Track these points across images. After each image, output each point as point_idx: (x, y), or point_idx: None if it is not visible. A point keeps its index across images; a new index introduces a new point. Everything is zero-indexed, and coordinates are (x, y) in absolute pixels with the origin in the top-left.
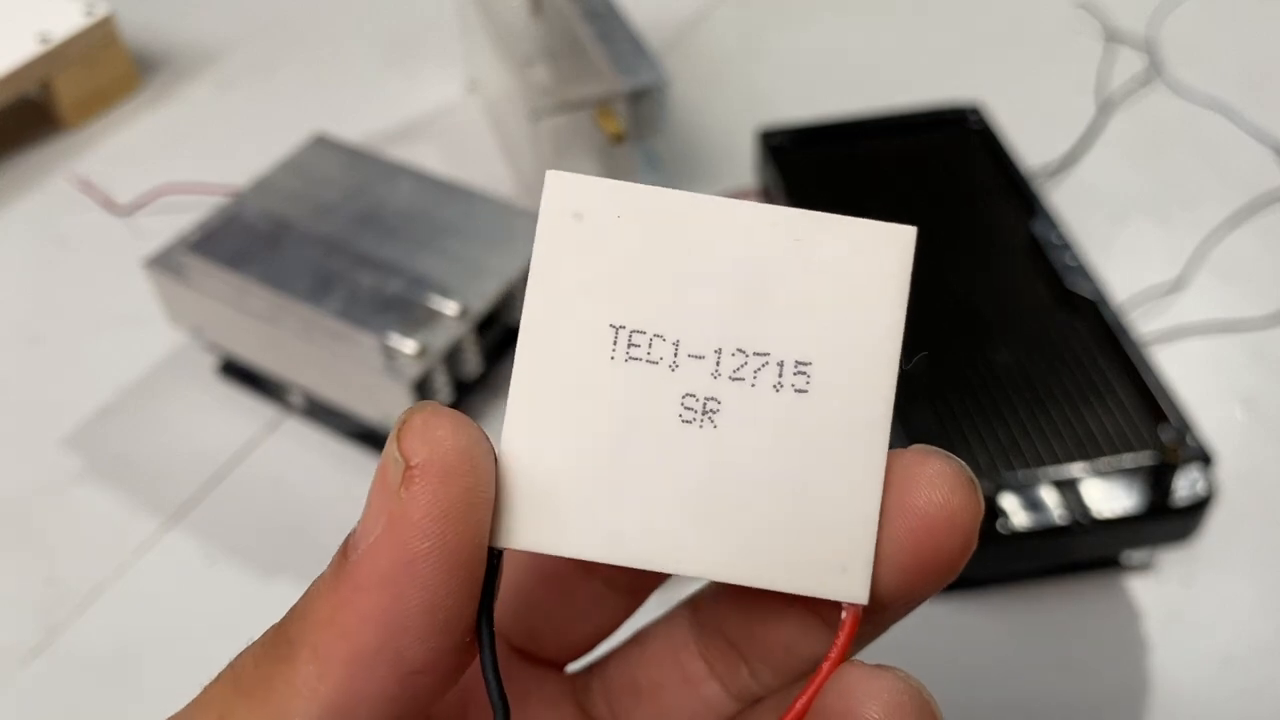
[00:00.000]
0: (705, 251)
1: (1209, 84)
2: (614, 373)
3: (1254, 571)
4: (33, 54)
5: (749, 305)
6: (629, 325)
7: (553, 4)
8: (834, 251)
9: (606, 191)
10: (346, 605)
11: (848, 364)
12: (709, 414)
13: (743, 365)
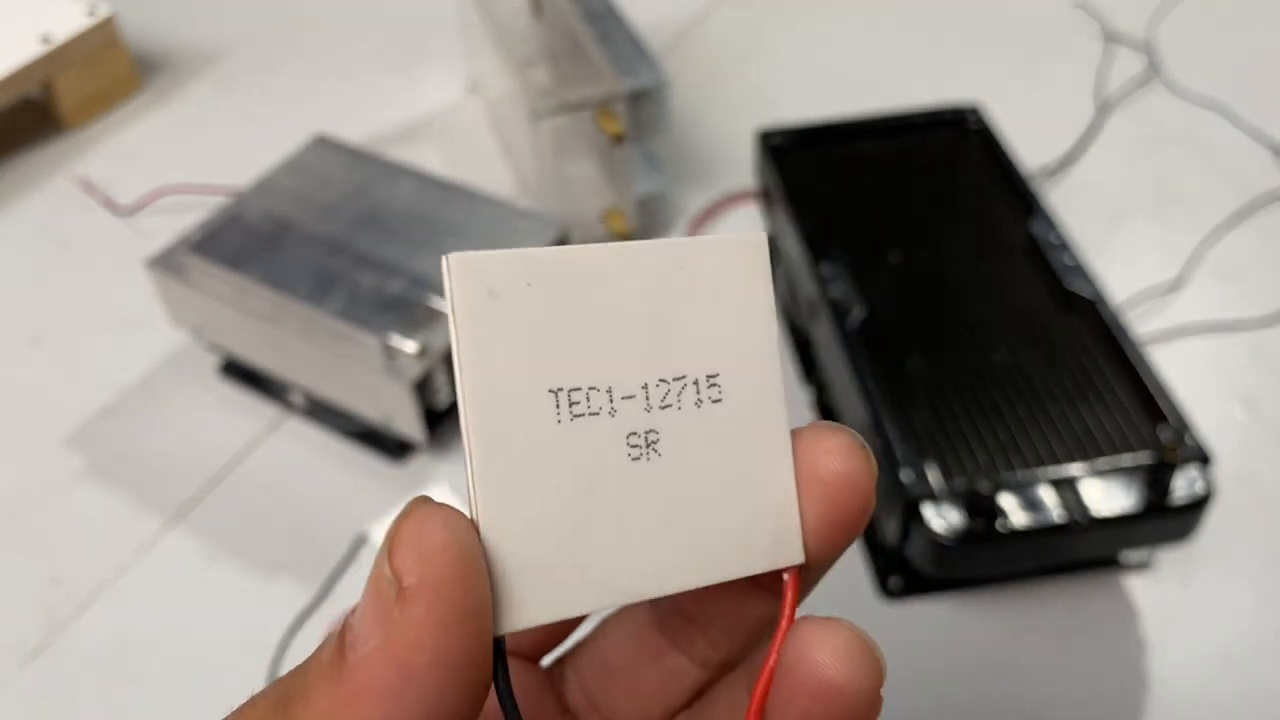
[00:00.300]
0: (609, 296)
1: (1207, 85)
2: (564, 434)
3: (1253, 571)
4: (34, 55)
5: (658, 336)
6: (565, 386)
7: (553, 6)
8: (709, 267)
9: (510, 263)
10: (347, 707)
11: (743, 365)
12: (652, 445)
13: (668, 392)
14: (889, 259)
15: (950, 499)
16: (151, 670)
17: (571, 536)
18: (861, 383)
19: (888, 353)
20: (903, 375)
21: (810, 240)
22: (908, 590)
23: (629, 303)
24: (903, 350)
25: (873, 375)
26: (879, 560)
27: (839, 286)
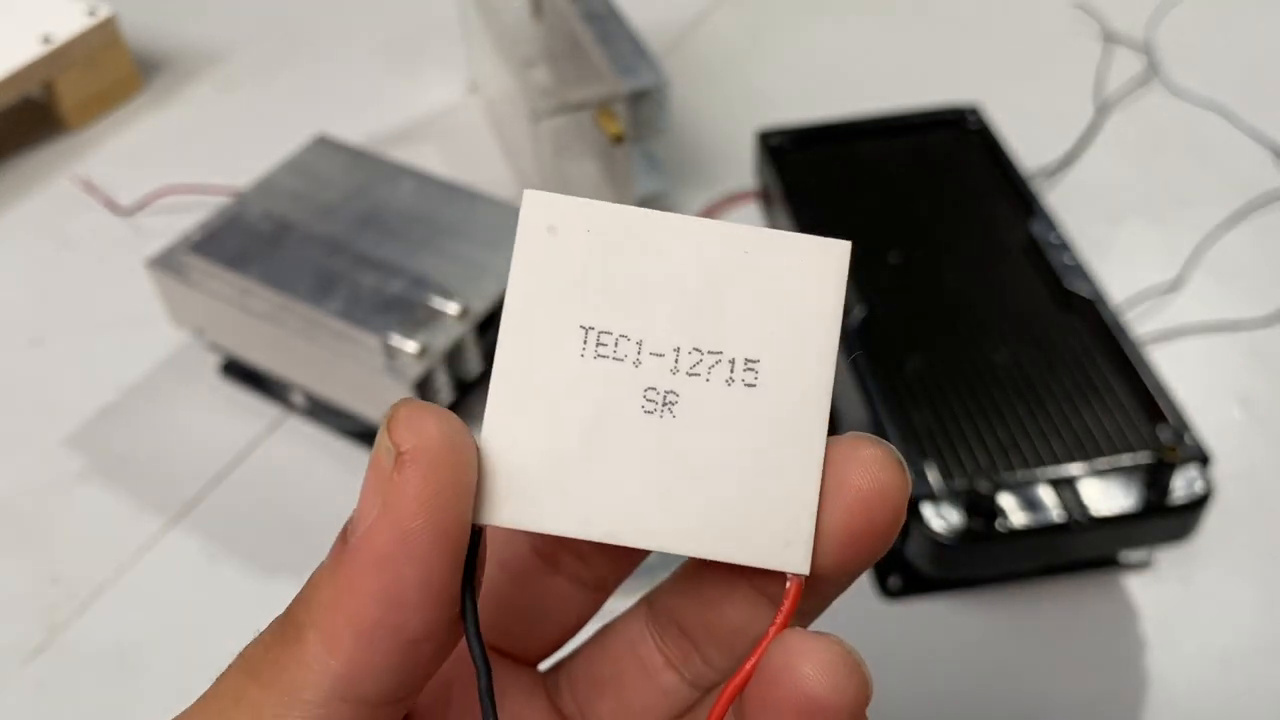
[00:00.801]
0: (664, 261)
1: (1206, 85)
2: (584, 368)
3: (1252, 570)
4: (35, 55)
5: (704, 309)
6: (598, 326)
7: (553, 6)
8: (779, 262)
9: (577, 208)
10: (349, 586)
11: (791, 362)
12: (668, 405)
13: (699, 362)
14: (889, 259)
15: (950, 498)
16: (152, 670)
17: (564, 461)
18: (861, 382)
19: (887, 352)
20: (902, 375)
21: None
22: (907, 590)
23: (681, 271)
24: (902, 350)
25: (872, 375)
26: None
27: None
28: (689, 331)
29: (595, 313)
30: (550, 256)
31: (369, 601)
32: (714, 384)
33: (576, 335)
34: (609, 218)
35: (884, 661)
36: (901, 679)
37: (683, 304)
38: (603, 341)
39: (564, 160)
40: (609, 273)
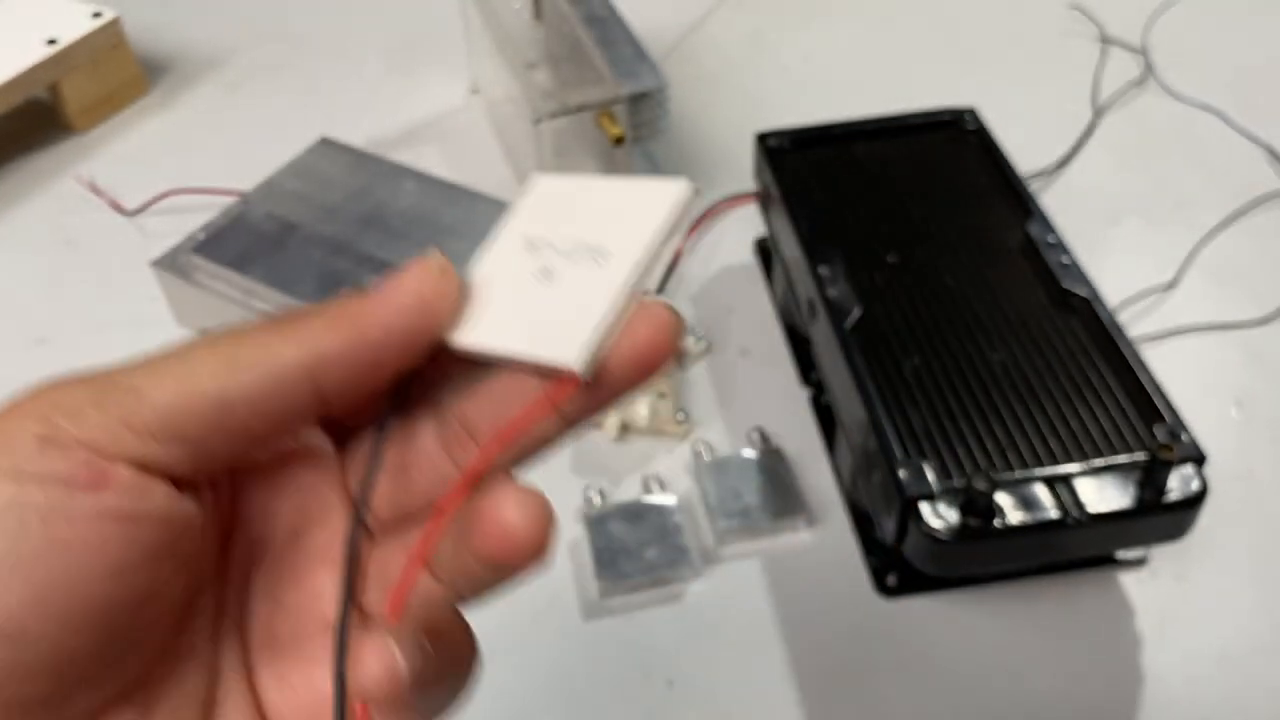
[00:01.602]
0: (579, 201)
1: (1202, 87)
2: (521, 256)
3: (1247, 568)
4: (40, 57)
5: (593, 223)
6: (535, 235)
7: (554, 9)
8: (645, 194)
9: (551, 179)
10: (347, 315)
11: (626, 250)
12: (549, 275)
13: (573, 251)
14: (886, 260)
15: (947, 497)
16: None
17: (486, 305)
18: (859, 382)
19: (885, 352)
20: (900, 375)
21: (808, 241)
22: (905, 587)
23: (586, 203)
24: (900, 350)
25: (870, 375)
26: (877, 557)
27: (837, 287)
28: (578, 237)
29: (535, 229)
30: (531, 204)
31: (358, 322)
32: (578, 262)
33: (522, 242)
34: (558, 184)
35: (882, 658)
36: (899, 676)
37: (582, 222)
38: (533, 243)
39: (565, 161)
40: (550, 209)
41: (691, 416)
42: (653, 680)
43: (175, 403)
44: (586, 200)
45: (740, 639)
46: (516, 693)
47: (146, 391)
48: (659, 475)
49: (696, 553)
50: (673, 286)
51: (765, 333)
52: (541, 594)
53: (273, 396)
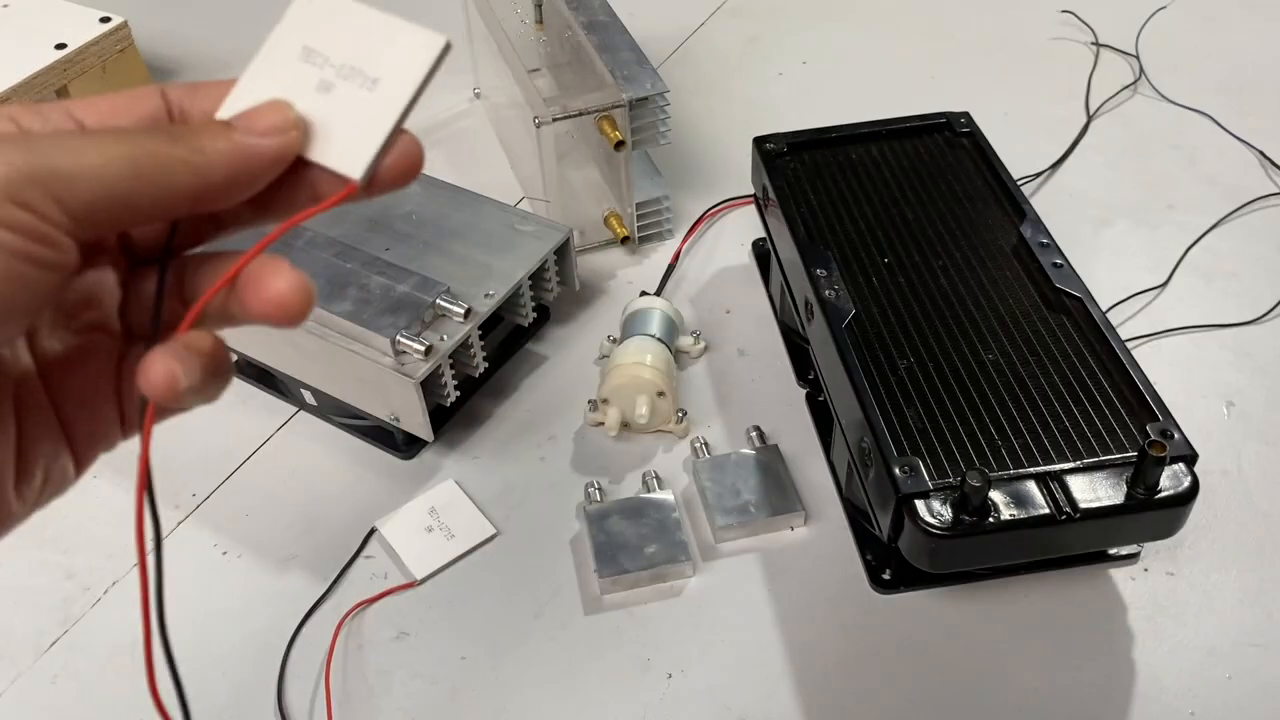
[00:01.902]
0: (358, 27)
1: (1193, 90)
2: (296, 64)
3: (1237, 564)
4: (49, 61)
5: (363, 51)
6: (312, 46)
7: (557, 16)
8: (413, 38)
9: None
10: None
11: (397, 80)
12: (328, 89)
13: (351, 72)
14: (882, 261)
15: (941, 494)
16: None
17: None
18: (855, 381)
19: (880, 352)
20: (895, 374)
21: (805, 243)
22: (900, 583)
23: (357, 30)
24: (895, 349)
25: (866, 374)
26: (872, 553)
27: (833, 288)
28: (351, 59)
29: (314, 41)
30: (303, 18)
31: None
32: (352, 84)
33: (301, 50)
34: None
35: (877, 652)
36: (894, 669)
37: (354, 45)
38: (310, 52)
39: (566, 165)
40: (326, 25)
41: (690, 415)
42: (652, 673)
43: (73, 184)
44: (357, 26)
45: (738, 633)
46: (517, 685)
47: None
48: (658, 472)
49: (695, 548)
50: (672, 287)
51: (762, 333)
52: (543, 588)
53: (156, 200)
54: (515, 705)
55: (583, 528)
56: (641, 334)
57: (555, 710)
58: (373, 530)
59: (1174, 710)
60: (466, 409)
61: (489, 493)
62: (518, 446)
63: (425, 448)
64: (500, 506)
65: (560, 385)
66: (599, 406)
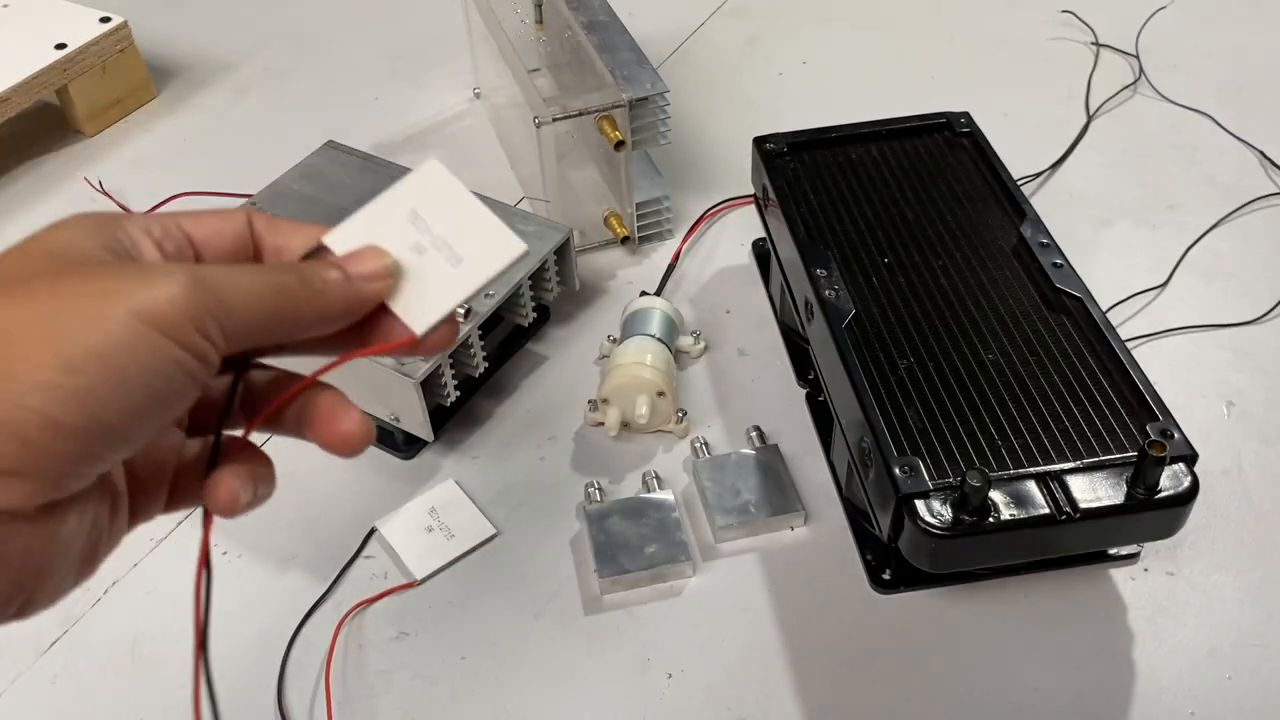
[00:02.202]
0: (450, 206)
1: (1193, 90)
2: (402, 223)
3: (1237, 564)
4: (49, 61)
5: (457, 231)
6: (420, 212)
7: (557, 16)
8: (498, 236)
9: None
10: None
11: (473, 272)
12: (420, 251)
13: (441, 244)
14: (882, 261)
15: (941, 494)
16: (164, 662)
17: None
18: (855, 381)
19: (880, 352)
20: (895, 374)
21: (805, 243)
22: (900, 583)
23: (460, 212)
24: (895, 349)
25: (866, 374)
26: (872, 553)
27: (833, 288)
28: (447, 236)
29: (420, 212)
30: (422, 182)
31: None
32: (441, 255)
33: (408, 210)
34: (444, 180)
35: (877, 652)
36: (894, 669)
37: (454, 224)
38: (416, 221)
39: (566, 166)
40: (432, 197)
41: (690, 415)
42: (652, 673)
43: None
44: (462, 210)
45: (738, 633)
46: (517, 685)
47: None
48: (658, 472)
49: (695, 548)
50: (672, 287)
51: (762, 333)
52: (543, 588)
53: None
54: (515, 705)
55: (583, 528)
56: (641, 334)
57: (555, 710)
58: (373, 530)
59: (1174, 710)
60: (466, 409)
61: (489, 493)
62: (518, 446)
63: (425, 448)
64: (500, 506)
65: (560, 385)
66: (599, 406)
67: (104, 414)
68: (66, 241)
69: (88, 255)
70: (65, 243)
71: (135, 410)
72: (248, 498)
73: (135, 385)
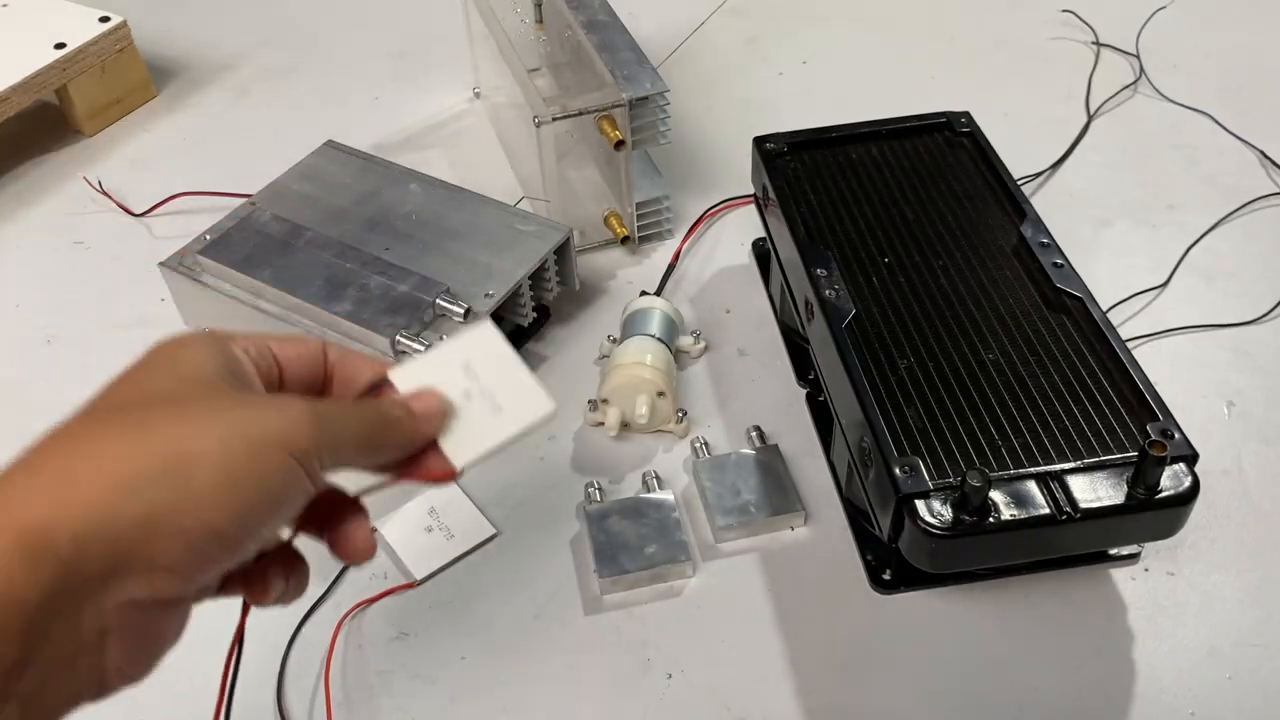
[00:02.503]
0: (491, 361)
1: (1193, 90)
2: (458, 372)
3: (1237, 564)
4: (48, 61)
5: (502, 385)
6: (472, 365)
7: (557, 16)
8: (534, 395)
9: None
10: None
11: (510, 421)
12: (469, 398)
13: (487, 394)
14: (882, 261)
15: (942, 494)
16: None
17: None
18: (855, 381)
19: (881, 352)
20: (895, 374)
21: (805, 243)
22: (900, 583)
23: (506, 369)
24: (895, 349)
25: (866, 374)
26: (872, 553)
27: (833, 288)
28: (494, 388)
29: (472, 365)
30: (477, 341)
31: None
32: (486, 403)
33: (463, 362)
34: (497, 340)
35: (877, 652)
36: (894, 669)
37: (498, 380)
38: (468, 371)
39: (566, 165)
40: (485, 353)
41: (690, 415)
42: (652, 673)
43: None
44: (506, 369)
45: (738, 633)
46: (517, 685)
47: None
48: (658, 472)
49: (695, 548)
50: (672, 287)
51: (762, 333)
52: (543, 588)
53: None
54: (515, 705)
55: (583, 528)
56: (641, 334)
57: (555, 710)
58: (372, 530)
59: (1174, 710)
60: None
61: (489, 493)
62: (518, 446)
63: None
64: (500, 506)
65: (560, 385)
66: (599, 406)
67: (253, 525)
68: (194, 363)
69: (214, 379)
70: (193, 364)
71: (271, 522)
72: (284, 592)
73: (277, 502)
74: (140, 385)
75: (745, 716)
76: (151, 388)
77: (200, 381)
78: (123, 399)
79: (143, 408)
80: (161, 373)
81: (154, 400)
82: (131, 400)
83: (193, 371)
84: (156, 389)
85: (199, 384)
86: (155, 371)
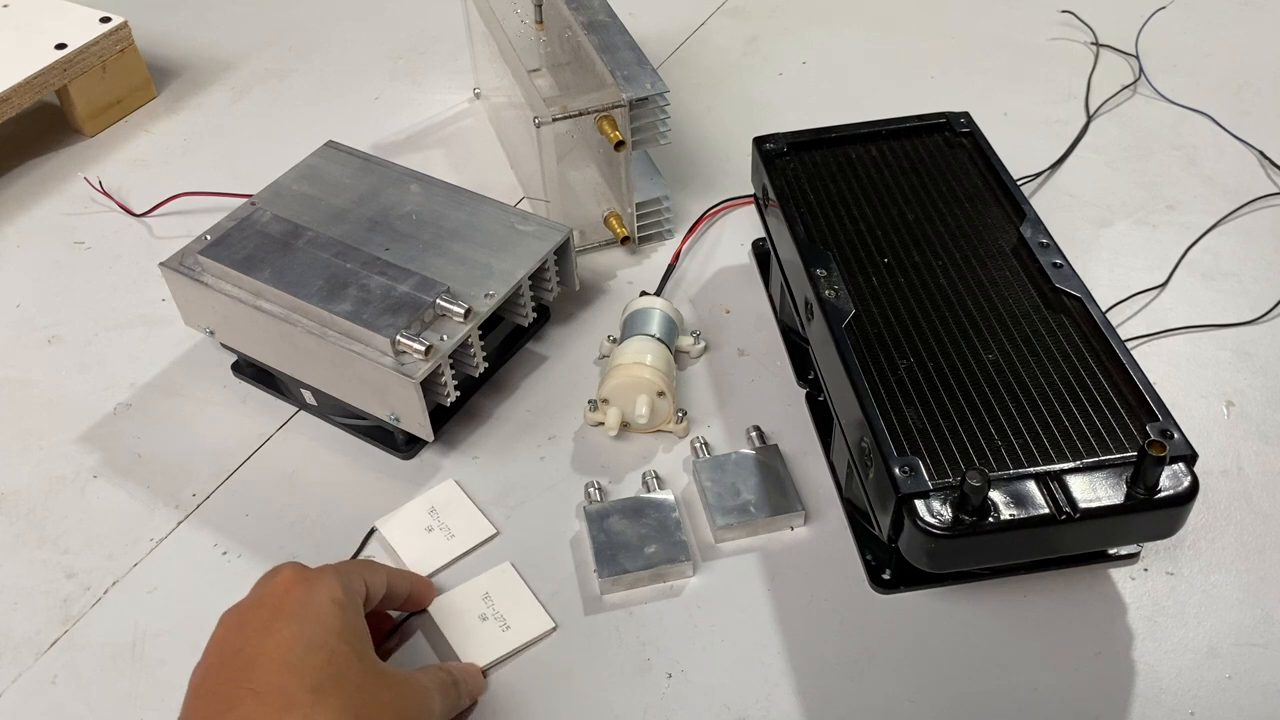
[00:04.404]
0: (516, 594)
1: (1193, 90)
2: (478, 599)
3: (1237, 564)
4: (50, 61)
5: (511, 610)
6: (491, 594)
7: (557, 16)
8: (537, 619)
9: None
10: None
11: (514, 637)
12: (484, 619)
13: (498, 616)
14: (882, 261)
15: (941, 494)
16: (164, 661)
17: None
18: (855, 381)
19: (880, 352)
20: (895, 374)
21: (804, 243)
22: (900, 583)
23: (517, 597)
24: (895, 349)
25: (865, 374)
26: (872, 553)
27: (833, 288)
28: (504, 611)
29: (494, 591)
30: (499, 577)
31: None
32: (496, 623)
33: (485, 592)
34: (512, 576)
35: (877, 652)
36: (894, 669)
37: (509, 604)
38: (487, 598)
39: (566, 165)
40: (500, 586)
41: (690, 415)
42: (652, 673)
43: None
44: (517, 596)
45: (738, 633)
46: (516, 685)
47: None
48: (658, 472)
49: (695, 548)
50: (672, 287)
51: (762, 333)
52: (543, 588)
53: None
54: (515, 705)
55: (583, 528)
56: (641, 334)
57: (555, 710)
58: (373, 530)
59: (1174, 710)
60: (466, 409)
61: (489, 493)
62: (518, 446)
63: (425, 447)
64: (500, 506)
65: (560, 385)
66: (599, 406)
67: None
68: (346, 629)
69: (365, 649)
70: (345, 631)
71: None
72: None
73: None
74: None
75: (745, 716)
76: (336, 653)
77: (361, 653)
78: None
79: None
80: (329, 643)
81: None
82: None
83: (353, 641)
84: (335, 657)
85: (368, 661)
86: (327, 648)
